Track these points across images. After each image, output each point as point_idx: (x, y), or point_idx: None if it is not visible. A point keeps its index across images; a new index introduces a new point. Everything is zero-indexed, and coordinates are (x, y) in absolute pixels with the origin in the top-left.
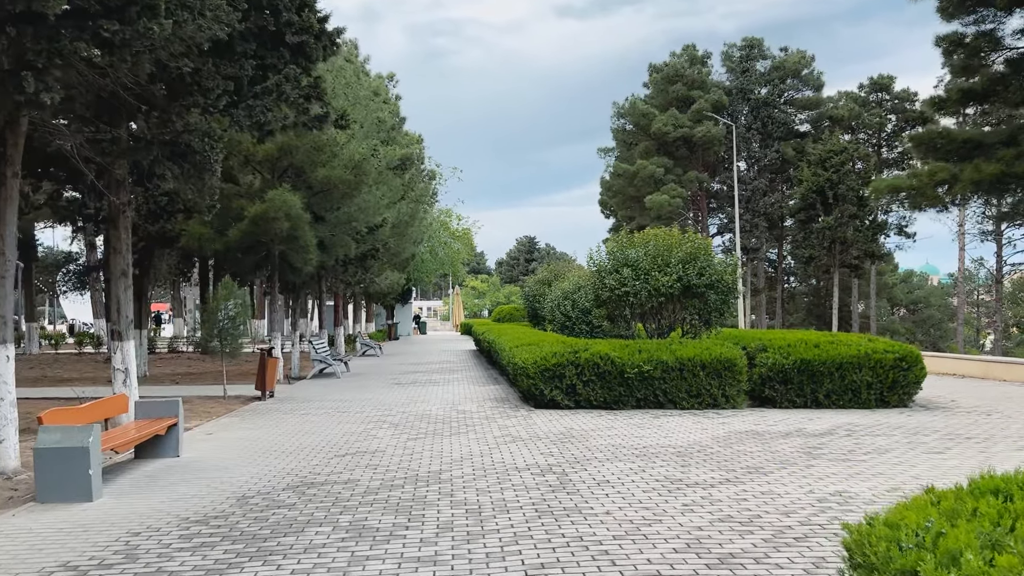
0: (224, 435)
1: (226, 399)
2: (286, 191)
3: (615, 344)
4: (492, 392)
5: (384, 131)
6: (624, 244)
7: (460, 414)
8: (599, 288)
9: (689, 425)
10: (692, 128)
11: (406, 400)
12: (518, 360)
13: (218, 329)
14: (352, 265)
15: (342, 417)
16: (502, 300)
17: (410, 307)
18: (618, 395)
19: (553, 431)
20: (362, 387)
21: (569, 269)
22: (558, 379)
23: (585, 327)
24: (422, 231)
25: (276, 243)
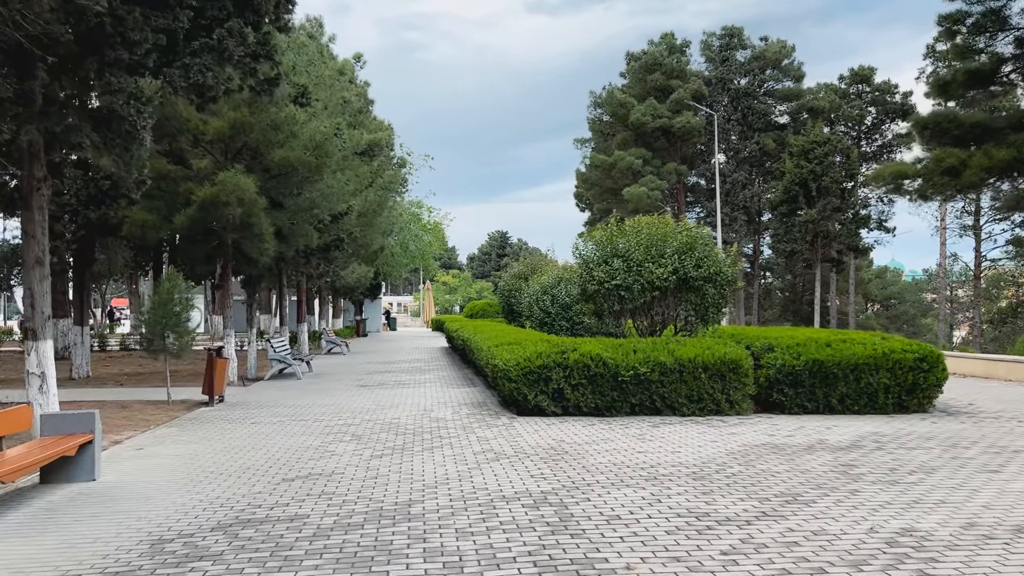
0: (157, 451)
1: (170, 404)
2: (239, 173)
3: (607, 343)
4: (468, 395)
5: (350, 113)
6: (614, 233)
7: (433, 423)
8: (586, 281)
9: (695, 436)
10: (671, 119)
11: (372, 405)
12: (498, 361)
13: (161, 326)
14: (315, 256)
15: (298, 427)
16: (474, 296)
17: (379, 302)
18: (611, 400)
19: (542, 444)
20: (324, 390)
21: (545, 264)
22: (544, 383)
23: (565, 323)
24: (391, 222)
25: (228, 231)
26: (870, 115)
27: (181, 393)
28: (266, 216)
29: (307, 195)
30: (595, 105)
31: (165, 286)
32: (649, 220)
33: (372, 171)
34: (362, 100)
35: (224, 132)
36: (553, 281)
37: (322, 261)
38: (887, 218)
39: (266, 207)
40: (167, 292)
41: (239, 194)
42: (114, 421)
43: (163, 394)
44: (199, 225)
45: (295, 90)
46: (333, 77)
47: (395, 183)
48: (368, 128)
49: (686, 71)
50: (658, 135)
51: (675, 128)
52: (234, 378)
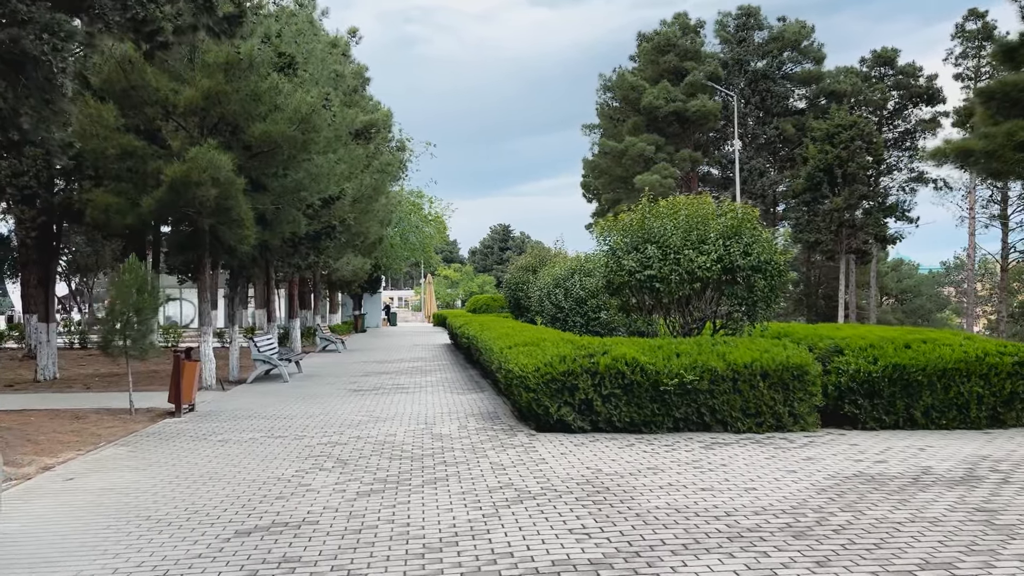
0: (90, 482)
1: (132, 414)
2: (212, 148)
3: (643, 345)
4: (476, 403)
5: (344, 91)
6: (647, 215)
7: (436, 441)
8: (612, 271)
9: (763, 462)
10: (686, 102)
11: (364, 416)
12: (514, 366)
13: (121, 323)
14: (303, 246)
15: (273, 447)
16: (476, 290)
17: (379, 297)
18: (650, 414)
19: (574, 476)
20: (312, 396)
21: (554, 256)
22: (569, 393)
23: (580, 319)
24: (390, 210)
25: (204, 216)
26: (892, 99)
27: (150, 399)
28: (246, 199)
29: (293, 176)
30: (604, 89)
31: (125, 278)
32: (688, 200)
33: (368, 154)
34: (358, 78)
35: (197, 102)
36: (566, 273)
37: (311, 251)
38: (910, 208)
39: (246, 188)
40: (127, 284)
41: (213, 173)
42: (59, 437)
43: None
44: (170, 209)
45: (281, 60)
46: (325, 50)
47: (393, 166)
48: (364, 108)
49: (701, 52)
50: (671, 120)
51: (690, 112)
52: (212, 381)
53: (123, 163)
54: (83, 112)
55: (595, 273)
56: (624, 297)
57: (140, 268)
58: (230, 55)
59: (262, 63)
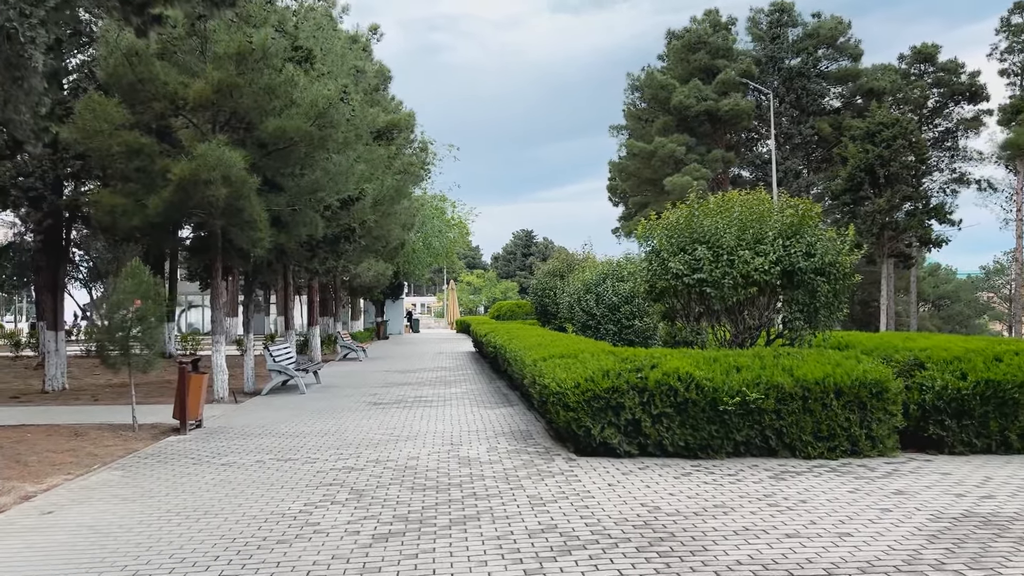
0: (69, 516)
1: (135, 431)
2: (222, 144)
3: (696, 358)
4: (505, 420)
5: (365, 88)
6: (695, 212)
7: (463, 466)
8: (655, 275)
9: (846, 496)
10: (717, 101)
11: (384, 435)
12: (549, 381)
13: (121, 332)
14: (321, 249)
15: (280, 472)
16: (499, 296)
17: (401, 303)
18: (707, 437)
19: (628, 516)
20: (328, 409)
21: (582, 260)
22: (614, 412)
23: (613, 327)
24: (412, 213)
25: (214, 217)
26: (932, 97)
27: (157, 413)
28: (259, 199)
29: (310, 176)
30: (632, 88)
31: (125, 283)
32: (745, 197)
33: (389, 155)
34: (379, 77)
35: (207, 96)
36: (597, 278)
37: (330, 255)
38: (951, 210)
39: (260, 188)
40: (128, 290)
41: (223, 171)
42: (52, 458)
43: (140, 413)
44: (178, 210)
45: (298, 54)
46: (345, 45)
47: (415, 166)
48: (385, 108)
49: (733, 50)
50: (702, 120)
51: (722, 111)
52: (224, 393)
53: (129, 162)
54: (86, 107)
55: (630, 278)
56: (668, 303)
57: (143, 272)
58: (242, 44)
59: (276, 54)
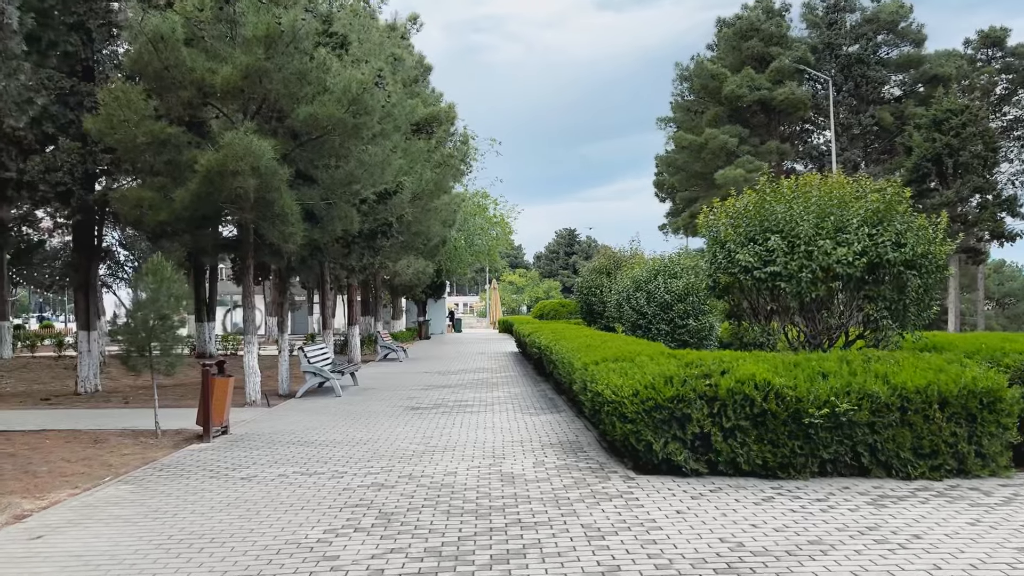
0: (61, 542)
1: (158, 437)
2: (250, 133)
3: (773, 363)
4: (552, 428)
5: (404, 79)
6: (767, 197)
7: (507, 484)
8: (719, 269)
9: (966, 529)
10: (771, 90)
11: (420, 444)
12: (603, 387)
13: (144, 334)
14: (357, 245)
15: (303, 489)
16: (541, 295)
17: (444, 302)
18: (789, 454)
19: (705, 554)
20: (363, 414)
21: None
22: (679, 425)
23: (665, 326)
24: (453, 209)
25: (244, 211)
26: (1001, 84)
27: (185, 418)
28: (291, 192)
29: (345, 168)
30: (681, 79)
31: (149, 280)
32: (825, 182)
33: (428, 148)
34: (418, 68)
35: (235, 82)
36: (648, 275)
37: (366, 251)
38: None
39: (291, 180)
40: (152, 289)
41: (252, 161)
42: (64, 468)
43: (169, 416)
44: (206, 203)
45: (333, 40)
46: (383, 33)
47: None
48: (425, 100)
49: (787, 37)
50: (756, 110)
51: (776, 101)
52: (256, 396)
53: (156, 154)
54: (110, 96)
55: (683, 274)
56: (733, 301)
57: (166, 268)
58: (270, 27)
59: (306, 36)
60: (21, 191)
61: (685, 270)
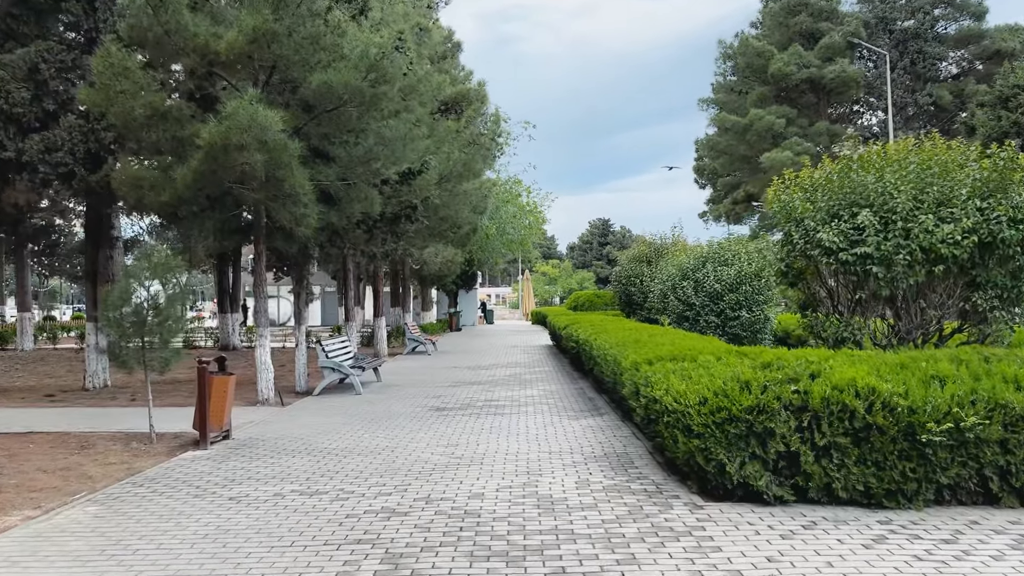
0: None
1: (153, 441)
2: (255, 101)
3: (872, 364)
4: (595, 435)
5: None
6: (853, 167)
7: (544, 513)
8: (793, 252)
9: None
10: (821, 68)
11: (443, 455)
12: (663, 394)
13: (134, 326)
14: (379, 230)
15: (298, 515)
16: (575, 286)
17: (475, 293)
18: (898, 478)
19: None
20: (382, 416)
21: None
22: (759, 441)
23: (715, 318)
24: (484, 195)
25: (252, 191)
26: None
27: (189, 419)
28: (303, 170)
29: (364, 144)
30: (724, 58)
31: (139, 267)
32: (918, 144)
33: (457, 128)
34: (447, 43)
35: (241, 47)
36: (695, 263)
37: (388, 236)
38: None
39: (304, 157)
40: (145, 275)
41: (258, 134)
42: (36, 480)
43: (169, 418)
44: (211, 183)
45: (352, 6)
46: (407, 3)
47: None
48: (453, 79)
49: (838, 12)
50: (804, 89)
51: (826, 79)
52: (269, 394)
53: (156, 128)
54: (103, 62)
55: (735, 261)
56: (810, 288)
57: (162, 253)
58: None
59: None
60: (21, 173)
61: (737, 256)
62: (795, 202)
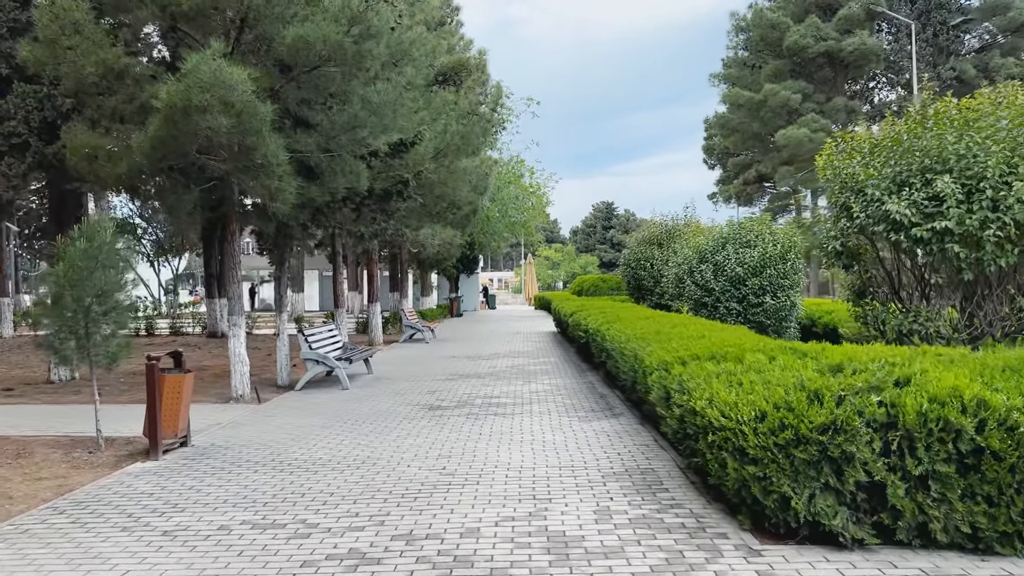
0: None
1: (101, 449)
2: (219, 57)
3: (974, 367)
4: (611, 442)
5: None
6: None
7: (558, 562)
8: (856, 223)
9: None
10: (839, 40)
11: (431, 471)
12: (704, 405)
13: (75, 315)
14: (367, 208)
15: (243, 557)
16: (578, 270)
17: (477, 278)
18: (1018, 518)
19: None
20: (369, 416)
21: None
22: (833, 468)
23: (736, 305)
24: (485, 173)
25: (218, 160)
26: None
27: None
28: (278, 138)
29: (350, 110)
30: (736, 30)
31: (78, 247)
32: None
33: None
34: (445, 7)
35: None
36: (715, 244)
37: (378, 214)
38: None
39: (279, 123)
40: (83, 257)
41: (223, 94)
42: None
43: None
44: (172, 152)
45: None
46: None
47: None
48: (451, 47)
49: None
50: (821, 63)
51: (844, 52)
52: (244, 389)
53: (112, 91)
54: (47, 15)
55: (757, 243)
56: (866, 271)
57: (103, 231)
58: None
59: None
60: None
61: (760, 237)
62: (854, 168)
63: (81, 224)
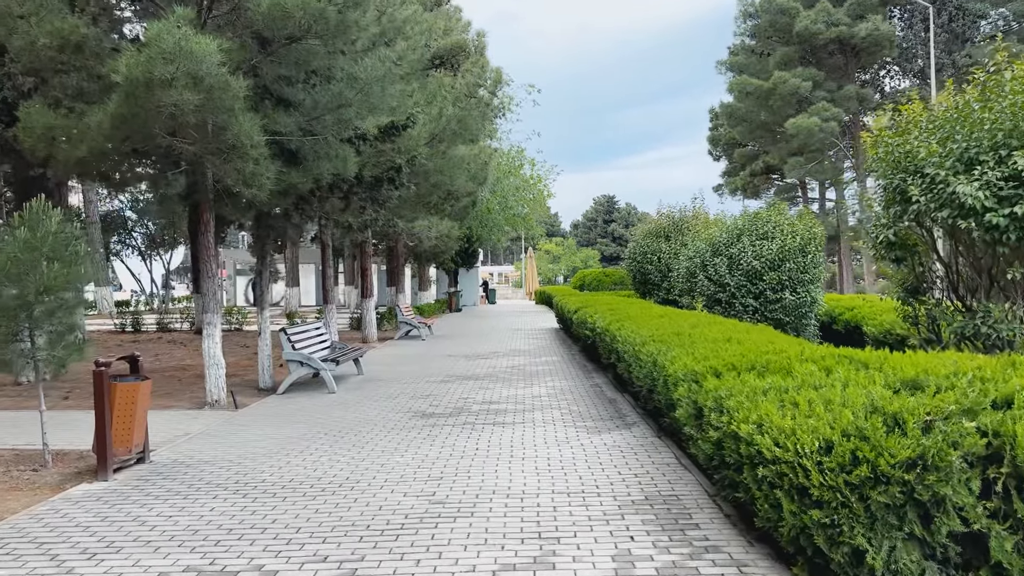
0: None
1: (47, 466)
2: (184, 25)
3: None
4: (626, 459)
5: None
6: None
7: None
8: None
9: None
10: (851, 26)
11: (418, 497)
12: (752, 429)
13: (17, 314)
14: (356, 196)
15: None
16: (579, 264)
17: (476, 272)
18: None
19: None
20: (352, 426)
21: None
22: (920, 513)
23: (752, 302)
24: (484, 161)
25: (186, 142)
26: None
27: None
28: (254, 117)
29: (335, 87)
30: (744, 16)
31: (18, 237)
32: None
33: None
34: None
35: None
36: (729, 236)
37: (368, 203)
38: None
39: (255, 101)
40: (24, 248)
41: (189, 67)
42: None
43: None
44: (136, 132)
45: None
46: None
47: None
48: (448, 27)
49: None
50: (832, 50)
51: (857, 39)
52: (219, 394)
53: (69, 65)
54: None
55: (776, 234)
56: (919, 265)
57: (51, 218)
58: None
59: None
60: None
61: (778, 228)
62: (912, 144)
63: (23, 211)
